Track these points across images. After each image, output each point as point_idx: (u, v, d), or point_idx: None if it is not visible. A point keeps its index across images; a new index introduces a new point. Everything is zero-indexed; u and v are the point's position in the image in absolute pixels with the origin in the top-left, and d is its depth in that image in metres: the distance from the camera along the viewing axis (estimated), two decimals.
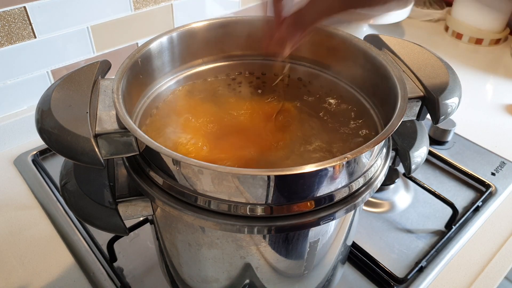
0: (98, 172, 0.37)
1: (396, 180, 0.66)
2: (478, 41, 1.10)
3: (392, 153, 0.43)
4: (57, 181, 0.64)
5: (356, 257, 0.57)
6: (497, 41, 1.11)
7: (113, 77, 0.37)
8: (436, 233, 0.61)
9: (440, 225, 0.62)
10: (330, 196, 0.33)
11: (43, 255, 0.56)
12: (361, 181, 0.35)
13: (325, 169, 0.31)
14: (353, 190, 0.35)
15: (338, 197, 0.34)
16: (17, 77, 0.70)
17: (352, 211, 0.37)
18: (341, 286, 0.54)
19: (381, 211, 0.64)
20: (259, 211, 0.32)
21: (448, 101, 0.38)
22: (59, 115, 0.33)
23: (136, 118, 0.41)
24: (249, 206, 0.32)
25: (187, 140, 0.41)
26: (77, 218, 0.59)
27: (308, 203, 0.33)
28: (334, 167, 0.32)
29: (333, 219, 0.34)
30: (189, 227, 0.37)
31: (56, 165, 0.70)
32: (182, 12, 0.86)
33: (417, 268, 0.55)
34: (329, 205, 0.34)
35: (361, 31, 1.10)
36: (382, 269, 0.55)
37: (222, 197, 0.32)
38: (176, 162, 0.32)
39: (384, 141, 0.33)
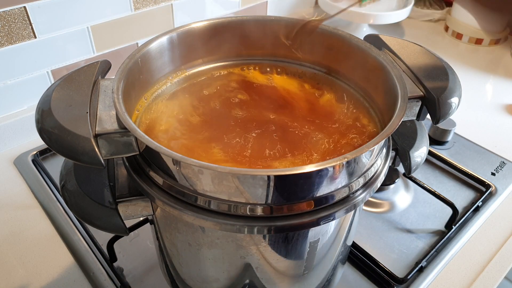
0: (98, 172, 0.37)
1: (396, 180, 0.66)
2: (478, 41, 1.10)
3: (392, 153, 0.43)
4: (57, 181, 0.64)
5: (356, 257, 0.57)
6: (497, 41, 1.11)
7: (113, 77, 0.37)
8: (436, 233, 0.61)
9: (440, 225, 0.62)
10: (330, 196, 0.33)
11: (43, 255, 0.56)
12: (361, 181, 0.35)
13: (325, 169, 0.31)
14: (353, 190, 0.35)
15: (338, 197, 0.34)
16: (17, 77, 0.70)
17: (352, 211, 0.37)
18: (341, 286, 0.54)
19: (381, 211, 0.64)
20: (259, 211, 0.32)
21: (448, 101, 0.37)
22: (59, 115, 0.33)
23: (136, 118, 0.41)
24: (249, 206, 0.32)
25: (188, 139, 0.41)
26: (77, 218, 0.59)
27: (308, 203, 0.33)
28: (334, 167, 0.32)
29: (333, 219, 0.34)
30: (189, 227, 0.37)
31: (56, 165, 0.70)
32: (182, 12, 0.86)
33: (417, 268, 0.55)
34: (329, 205, 0.34)
35: (361, 31, 1.10)
36: (382, 269, 0.55)
37: (222, 197, 0.32)
38: (176, 162, 0.32)
39: (384, 141, 0.33)
